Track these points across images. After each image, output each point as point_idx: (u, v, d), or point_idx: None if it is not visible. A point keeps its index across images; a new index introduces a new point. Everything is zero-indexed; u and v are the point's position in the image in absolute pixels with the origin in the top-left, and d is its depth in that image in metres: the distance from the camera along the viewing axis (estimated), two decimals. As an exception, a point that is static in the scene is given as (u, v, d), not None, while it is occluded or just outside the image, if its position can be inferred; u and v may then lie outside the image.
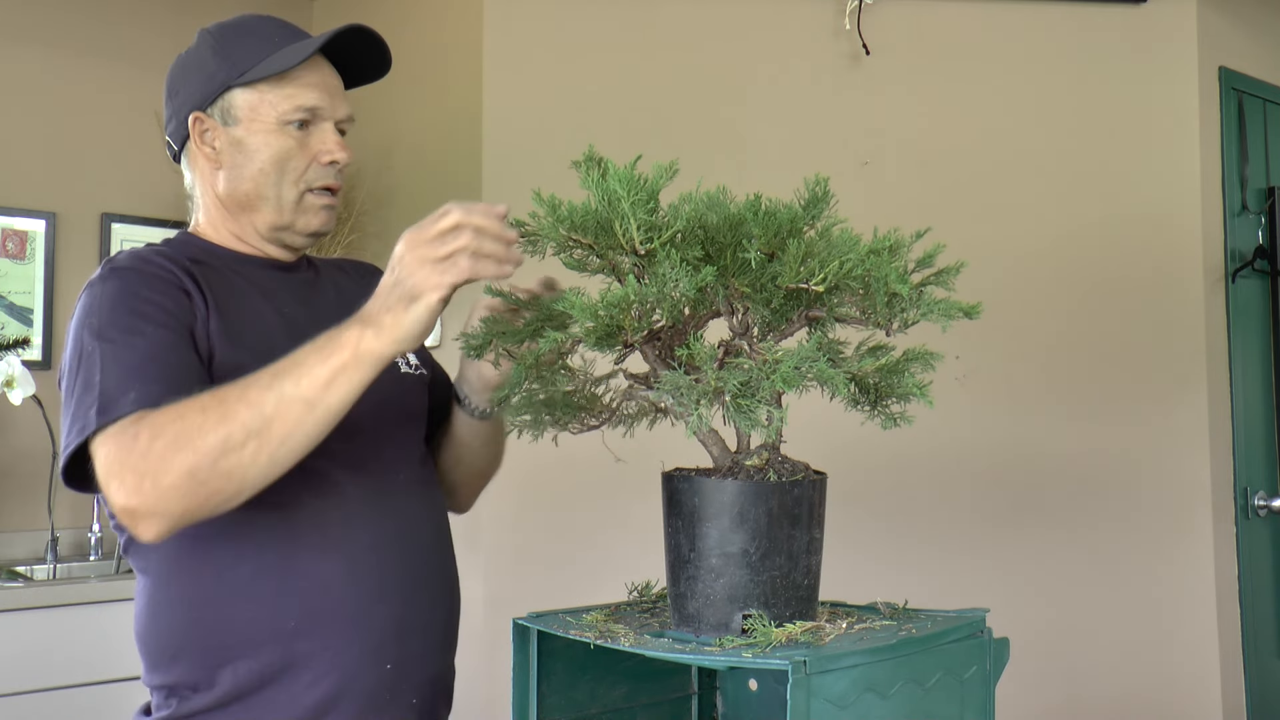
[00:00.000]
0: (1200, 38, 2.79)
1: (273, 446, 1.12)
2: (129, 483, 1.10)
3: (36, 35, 3.13)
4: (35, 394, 2.80)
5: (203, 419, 1.11)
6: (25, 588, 2.58)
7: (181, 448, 1.10)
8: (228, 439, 1.10)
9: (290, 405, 1.12)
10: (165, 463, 1.10)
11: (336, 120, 1.38)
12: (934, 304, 1.10)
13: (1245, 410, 2.89)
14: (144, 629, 1.31)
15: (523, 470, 2.69)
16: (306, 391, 1.12)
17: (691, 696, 1.39)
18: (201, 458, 1.10)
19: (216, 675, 1.25)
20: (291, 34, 1.38)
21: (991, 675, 1.19)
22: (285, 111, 1.33)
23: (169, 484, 1.10)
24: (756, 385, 1.05)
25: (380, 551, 1.31)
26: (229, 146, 1.34)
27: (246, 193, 1.35)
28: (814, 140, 2.75)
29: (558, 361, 1.20)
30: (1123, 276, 2.74)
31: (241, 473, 1.11)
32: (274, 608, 1.25)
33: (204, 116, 1.35)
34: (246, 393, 1.12)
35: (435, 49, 2.97)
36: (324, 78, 1.36)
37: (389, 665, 1.30)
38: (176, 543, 1.25)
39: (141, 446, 1.11)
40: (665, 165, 1.09)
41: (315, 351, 1.14)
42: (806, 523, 1.12)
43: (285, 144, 1.33)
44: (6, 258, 3.03)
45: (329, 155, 1.36)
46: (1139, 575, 2.70)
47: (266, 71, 1.31)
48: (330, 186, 1.38)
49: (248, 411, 1.11)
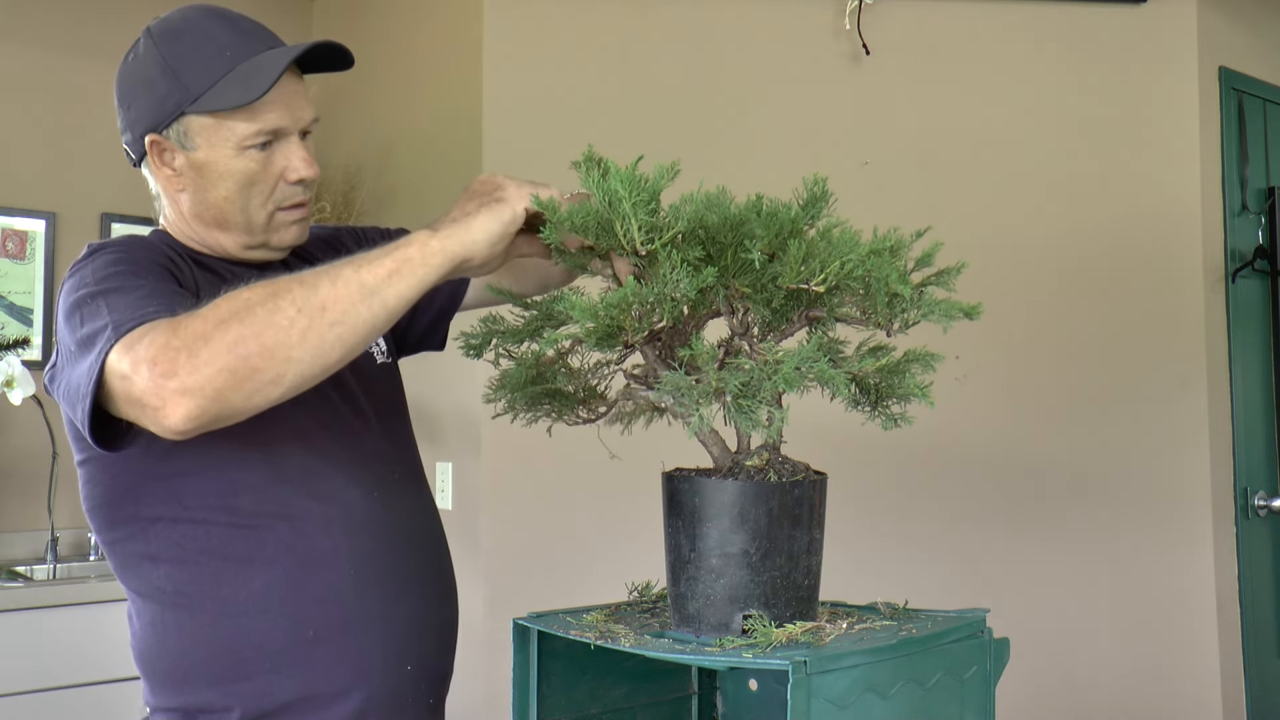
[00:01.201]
0: (1200, 38, 2.79)
1: (323, 329, 1.04)
2: (161, 361, 1.00)
3: (37, 35, 3.13)
4: (35, 394, 2.80)
5: (250, 294, 1.04)
6: (25, 588, 2.58)
7: (224, 320, 1.02)
8: (275, 312, 1.03)
9: (348, 287, 1.06)
10: (207, 338, 1.01)
11: (300, 129, 1.29)
12: (934, 304, 1.10)
13: (1245, 410, 2.89)
14: (149, 650, 1.26)
15: (523, 470, 2.69)
16: (366, 277, 1.06)
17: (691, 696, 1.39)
18: (246, 329, 1.01)
19: (237, 695, 1.22)
20: (242, 39, 1.26)
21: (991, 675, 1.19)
22: (245, 136, 1.24)
23: (208, 356, 1.00)
24: (757, 385, 1.05)
25: (388, 552, 1.30)
26: (190, 169, 1.26)
27: (214, 216, 1.28)
28: (814, 140, 2.75)
29: (558, 361, 1.20)
30: (1123, 276, 2.74)
31: (286, 352, 1.03)
32: (291, 619, 1.23)
33: (160, 139, 1.26)
34: (299, 274, 1.06)
35: (435, 49, 2.97)
36: (284, 93, 1.26)
37: (409, 666, 1.29)
38: (180, 562, 1.23)
39: (181, 328, 1.02)
40: (667, 166, 1.09)
41: (379, 250, 1.09)
42: (807, 523, 1.12)
43: (248, 168, 1.25)
44: (6, 258, 3.03)
45: (295, 173, 1.28)
46: (1139, 575, 2.70)
47: (220, 105, 1.22)
48: (300, 202, 1.31)
49: (300, 288, 1.05)
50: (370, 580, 1.27)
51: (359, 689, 1.25)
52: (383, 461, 1.35)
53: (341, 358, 1.07)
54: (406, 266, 1.08)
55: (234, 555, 1.23)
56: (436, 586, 1.37)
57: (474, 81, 2.76)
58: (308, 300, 1.04)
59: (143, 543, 1.24)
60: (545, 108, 2.75)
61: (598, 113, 2.73)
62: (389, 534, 1.31)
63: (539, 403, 1.20)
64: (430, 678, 1.33)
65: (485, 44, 2.76)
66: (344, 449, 1.30)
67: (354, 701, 1.25)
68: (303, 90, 1.29)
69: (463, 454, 2.73)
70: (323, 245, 1.46)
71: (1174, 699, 2.69)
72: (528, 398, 1.20)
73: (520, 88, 2.76)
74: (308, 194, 1.32)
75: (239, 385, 1.02)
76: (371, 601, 1.27)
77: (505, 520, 2.68)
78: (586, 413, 1.22)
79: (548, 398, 1.20)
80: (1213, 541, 2.71)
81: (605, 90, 2.76)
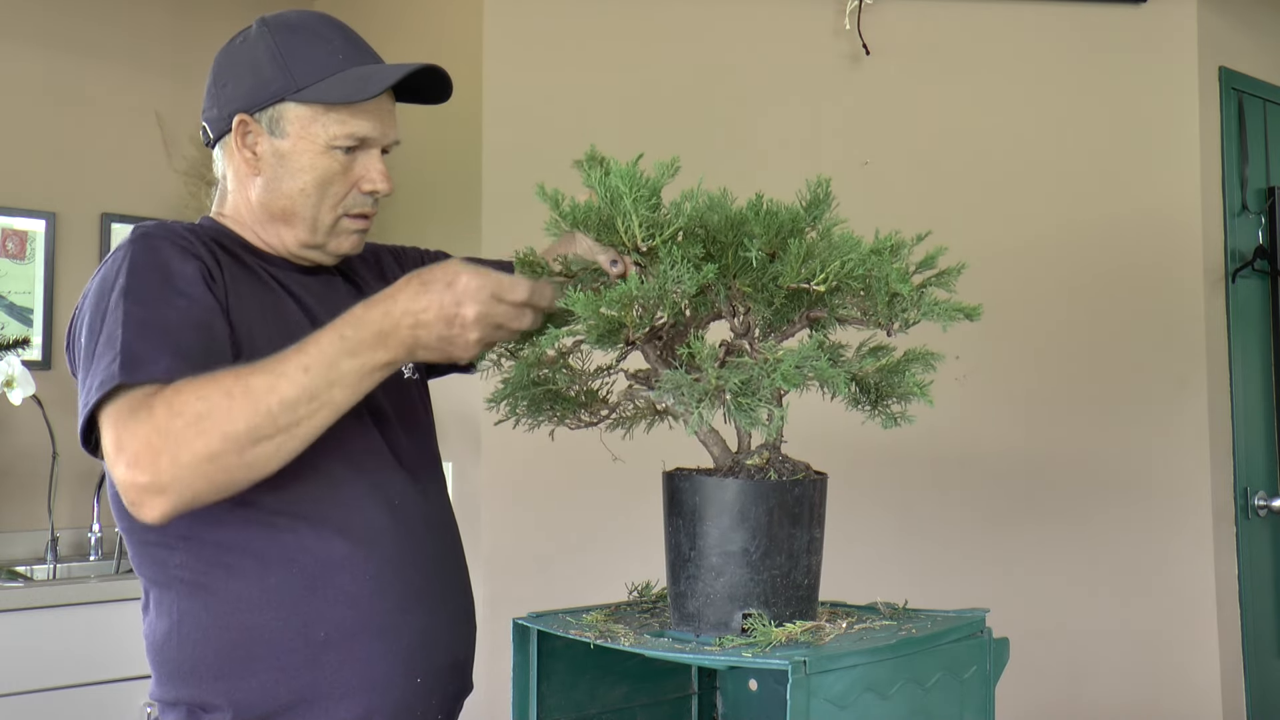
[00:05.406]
0: (1200, 38, 2.79)
1: (297, 443, 1.13)
2: (144, 458, 1.07)
3: (36, 35, 3.13)
4: (35, 394, 2.80)
5: (229, 404, 1.09)
6: (25, 588, 2.58)
7: (205, 431, 1.08)
8: (256, 430, 1.10)
9: (322, 408, 1.13)
10: (186, 443, 1.07)
11: (384, 145, 1.33)
12: (935, 305, 1.10)
13: (1245, 410, 2.89)
14: (161, 640, 1.27)
15: (523, 471, 2.69)
16: (338, 396, 1.14)
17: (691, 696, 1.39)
18: (228, 444, 1.08)
19: (243, 690, 1.22)
20: (354, 48, 1.32)
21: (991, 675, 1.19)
22: (336, 136, 1.28)
23: (187, 463, 1.07)
24: (757, 384, 1.05)
25: (406, 563, 1.30)
26: (271, 156, 1.30)
27: (283, 207, 1.31)
28: (814, 140, 2.75)
29: (559, 360, 1.20)
30: (1123, 276, 2.74)
31: (264, 463, 1.12)
32: (304, 619, 1.23)
33: (250, 120, 1.29)
34: (277, 384, 1.11)
35: (435, 49, 2.97)
36: (380, 104, 1.31)
37: (419, 679, 1.29)
38: (198, 553, 1.24)
39: (159, 421, 1.08)
40: (667, 163, 1.10)
41: (348, 354, 1.14)
42: (807, 522, 1.12)
43: (330, 167, 1.29)
44: (6, 258, 3.03)
45: (370, 184, 1.32)
46: (1139, 575, 2.70)
47: (326, 98, 1.26)
48: (366, 213, 1.35)
49: (280, 408, 1.11)
50: (385, 589, 1.27)
51: (364, 695, 1.25)
52: (406, 473, 1.35)
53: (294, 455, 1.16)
54: (369, 379, 1.16)
55: (251, 550, 1.24)
56: (453, 601, 1.37)
57: (474, 81, 2.76)
58: (286, 418, 1.11)
59: (160, 531, 1.25)
60: (545, 108, 2.75)
61: (598, 113, 2.73)
62: (408, 545, 1.31)
63: (541, 407, 1.20)
64: (443, 692, 1.33)
65: (485, 44, 2.76)
66: (369, 456, 1.30)
67: (358, 708, 1.24)
68: (395, 111, 1.34)
69: (463, 454, 2.73)
70: (362, 262, 1.49)
71: (1174, 699, 2.69)
72: (530, 400, 1.20)
73: (520, 88, 2.76)
74: (375, 208, 1.35)
75: (215, 490, 1.11)
76: (385, 610, 1.26)
77: (505, 520, 2.68)
78: (589, 416, 1.22)
79: (550, 401, 1.20)
80: (1213, 541, 2.71)
81: (605, 90, 2.76)
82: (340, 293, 1.41)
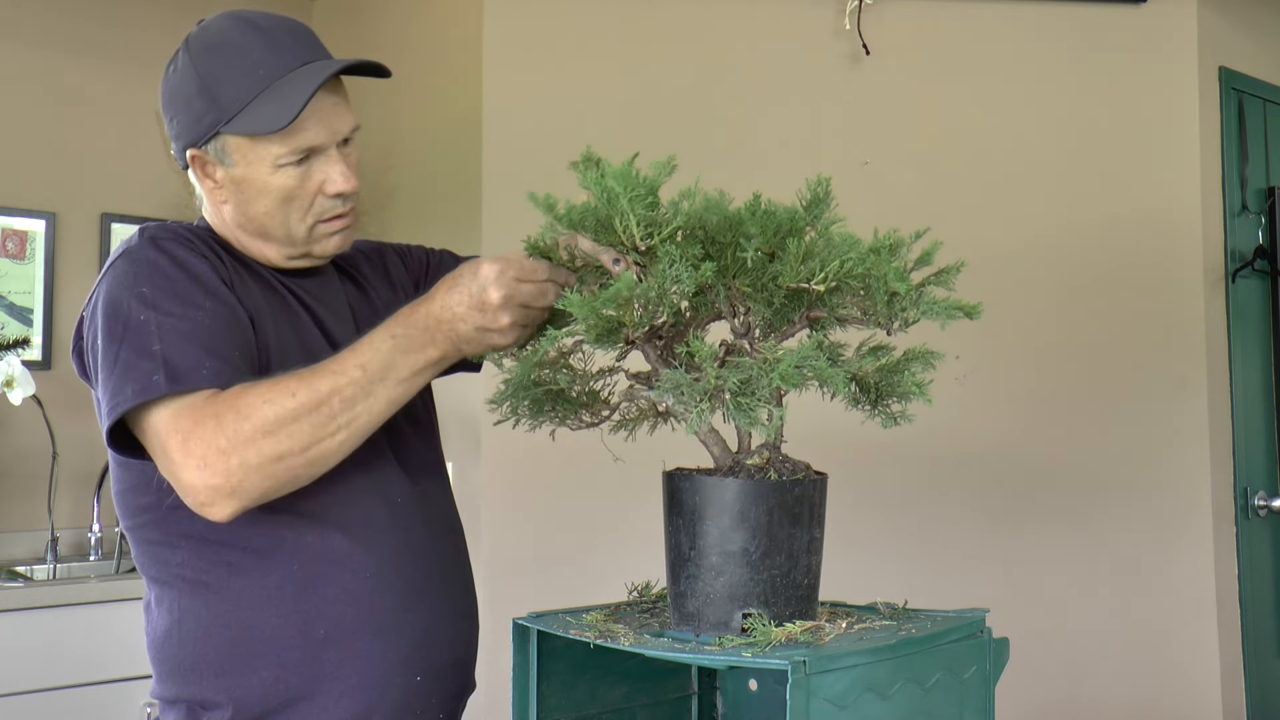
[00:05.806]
0: (1200, 38, 2.79)
1: (356, 439, 1.19)
2: (214, 461, 1.12)
3: (37, 34, 3.13)
4: (35, 394, 2.80)
5: (295, 406, 1.14)
6: (25, 588, 2.58)
7: (273, 433, 1.13)
8: (319, 430, 1.15)
9: (378, 403, 1.18)
10: (255, 446, 1.12)
11: (340, 140, 1.29)
12: (934, 303, 1.10)
13: (1245, 410, 2.89)
14: (162, 638, 1.27)
15: (523, 471, 2.69)
16: (394, 392, 1.20)
17: (691, 696, 1.39)
18: (294, 444, 1.14)
19: (243, 688, 1.23)
20: (273, 53, 1.25)
21: (991, 675, 1.19)
22: (280, 155, 1.25)
23: (256, 465, 1.12)
24: (757, 383, 1.05)
25: (408, 561, 1.30)
26: (230, 184, 1.28)
27: (256, 228, 1.31)
28: (814, 140, 2.75)
29: (559, 360, 1.20)
30: (1123, 276, 2.74)
31: (325, 460, 1.17)
32: (304, 617, 1.24)
33: (200, 154, 1.28)
34: (338, 384, 1.16)
35: (435, 49, 2.97)
36: (318, 109, 1.25)
37: (418, 678, 1.29)
38: (199, 551, 1.24)
39: (228, 427, 1.12)
40: (663, 161, 1.09)
41: (400, 351, 1.19)
42: (807, 522, 1.12)
43: (286, 184, 1.26)
44: (6, 258, 3.03)
45: (334, 187, 1.28)
46: (1139, 575, 2.70)
47: (254, 129, 1.23)
48: (340, 214, 1.32)
49: (341, 407, 1.16)
50: (387, 587, 1.27)
51: (364, 693, 1.25)
52: (410, 472, 1.36)
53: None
54: (421, 375, 1.22)
55: (253, 547, 1.24)
56: (455, 599, 1.37)
57: (474, 81, 2.76)
58: (346, 415, 1.17)
59: (163, 530, 1.25)
60: (545, 108, 2.75)
61: (597, 113, 2.73)
62: (410, 543, 1.31)
63: (543, 407, 1.20)
64: (444, 691, 1.33)
65: (485, 44, 2.76)
66: (373, 455, 1.30)
67: (358, 706, 1.24)
68: (341, 100, 1.30)
69: (463, 454, 2.73)
70: (365, 259, 1.49)
71: (1174, 698, 2.69)
72: (531, 401, 1.20)
73: (520, 88, 2.76)
74: (348, 205, 1.33)
75: (281, 488, 1.17)
76: (385, 608, 1.27)
77: (505, 520, 2.68)
78: (590, 417, 1.22)
79: (551, 402, 1.20)
80: (1213, 541, 2.71)
81: (605, 91, 2.76)
82: (339, 290, 1.41)
